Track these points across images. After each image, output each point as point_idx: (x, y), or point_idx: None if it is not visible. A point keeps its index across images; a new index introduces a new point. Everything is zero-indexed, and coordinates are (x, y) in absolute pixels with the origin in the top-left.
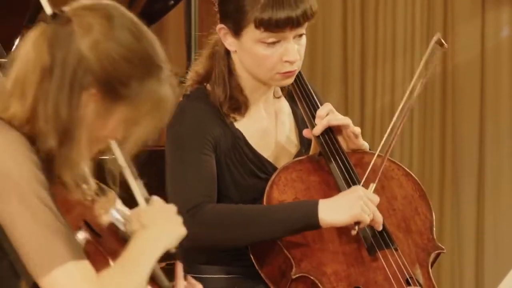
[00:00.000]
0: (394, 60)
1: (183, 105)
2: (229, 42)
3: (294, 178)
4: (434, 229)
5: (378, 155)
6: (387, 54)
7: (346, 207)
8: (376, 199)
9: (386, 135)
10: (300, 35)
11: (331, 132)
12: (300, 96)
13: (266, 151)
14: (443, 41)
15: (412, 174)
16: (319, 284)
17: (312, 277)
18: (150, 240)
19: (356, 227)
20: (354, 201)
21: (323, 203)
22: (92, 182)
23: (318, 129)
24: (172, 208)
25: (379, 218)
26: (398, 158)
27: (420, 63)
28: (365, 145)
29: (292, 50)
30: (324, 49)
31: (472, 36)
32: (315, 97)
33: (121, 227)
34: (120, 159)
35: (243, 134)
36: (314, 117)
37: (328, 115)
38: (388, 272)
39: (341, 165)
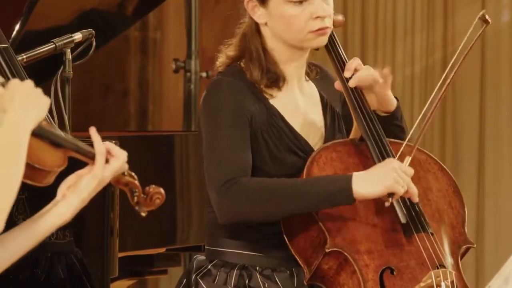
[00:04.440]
0: (395, 44)
1: (218, 81)
2: (258, 14)
3: (334, 158)
4: (466, 224)
5: (407, 144)
6: (388, 38)
7: (380, 178)
8: (411, 171)
9: (416, 122)
10: None
11: (362, 96)
12: (331, 50)
13: (301, 130)
14: (487, 17)
15: (447, 170)
16: (352, 261)
17: (345, 253)
18: (13, 121)
19: (390, 199)
20: (387, 172)
21: (357, 175)
22: None
23: (353, 82)
24: (27, 84)
25: (414, 189)
26: None
27: (421, 46)
28: (394, 101)
29: (320, 5)
30: None
31: (473, 20)
32: (344, 54)
33: None
34: None
35: (278, 111)
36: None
37: (357, 68)
38: (423, 255)
39: (376, 135)
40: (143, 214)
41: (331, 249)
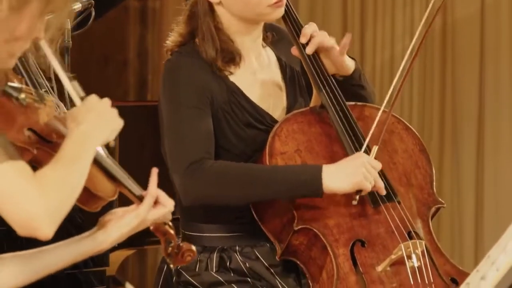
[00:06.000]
0: (394, 15)
1: (176, 62)
2: None
3: (295, 130)
4: (434, 183)
5: (383, 111)
6: (387, 9)
7: (349, 175)
8: (378, 165)
9: (390, 91)
10: None
11: (320, 61)
12: (286, 15)
13: (262, 102)
14: None
15: (412, 128)
16: (321, 236)
17: (314, 229)
18: (84, 134)
19: (357, 197)
20: (356, 168)
21: (327, 169)
22: (29, 90)
23: (310, 49)
24: (105, 102)
25: (381, 184)
26: (398, 113)
27: (420, 17)
28: (348, 61)
29: None
30: (324, 4)
31: None
32: (299, 19)
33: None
34: (53, 59)
35: (238, 87)
36: (299, 36)
37: (312, 34)
38: (391, 225)
39: (335, 102)
40: (172, 267)
41: (300, 227)
